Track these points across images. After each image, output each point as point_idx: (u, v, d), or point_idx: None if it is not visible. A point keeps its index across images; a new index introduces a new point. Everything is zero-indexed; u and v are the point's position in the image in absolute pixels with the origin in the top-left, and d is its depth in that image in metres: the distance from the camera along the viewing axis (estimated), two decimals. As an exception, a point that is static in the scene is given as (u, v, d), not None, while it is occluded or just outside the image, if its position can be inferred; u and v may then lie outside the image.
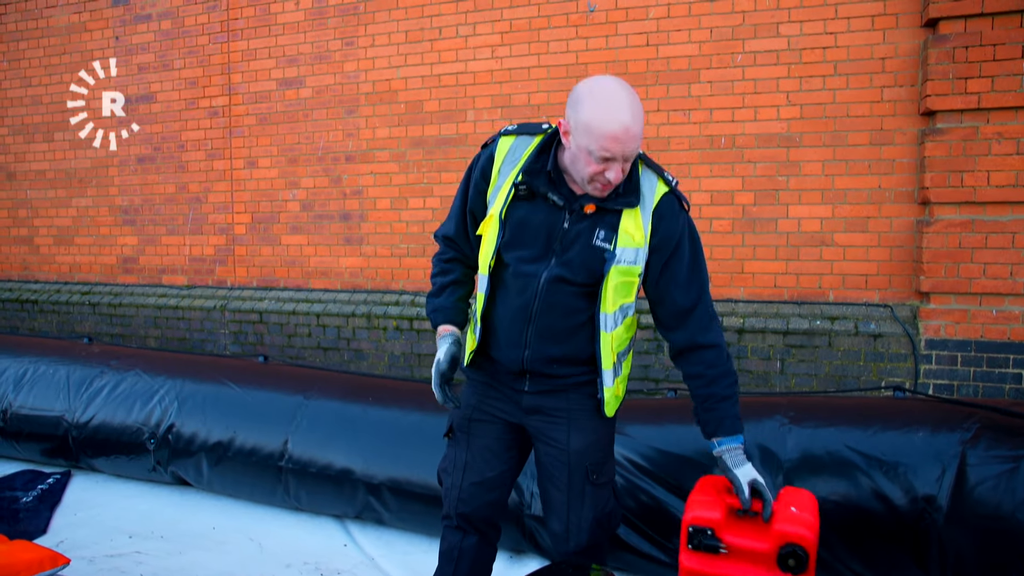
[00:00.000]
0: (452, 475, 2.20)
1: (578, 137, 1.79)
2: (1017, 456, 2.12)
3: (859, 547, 2.40)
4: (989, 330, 4.00)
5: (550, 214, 1.93)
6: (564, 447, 2.07)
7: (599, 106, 1.76)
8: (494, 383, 2.14)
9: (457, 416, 2.21)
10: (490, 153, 2.00)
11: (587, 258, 1.92)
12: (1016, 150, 3.88)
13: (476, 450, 2.17)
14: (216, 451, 3.51)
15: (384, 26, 5.15)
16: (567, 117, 1.84)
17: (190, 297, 5.85)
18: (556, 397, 2.06)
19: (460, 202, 2.10)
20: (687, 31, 4.49)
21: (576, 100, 1.81)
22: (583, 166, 1.81)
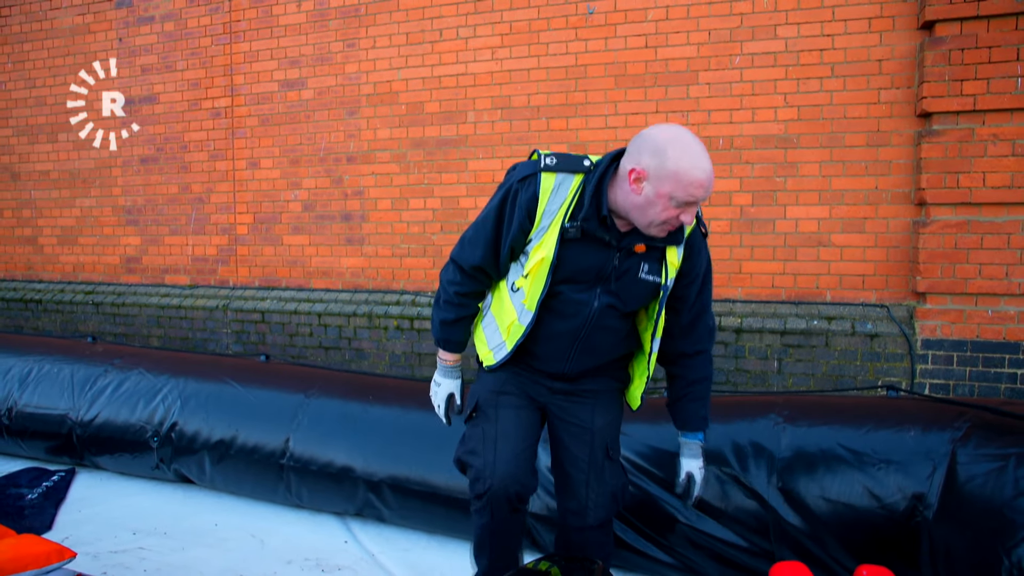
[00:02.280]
0: (482, 454, 2.15)
1: (661, 184, 1.82)
2: (1006, 454, 2.15)
3: (852, 544, 2.43)
4: (985, 330, 4.03)
5: (599, 252, 2.00)
6: (588, 426, 2.19)
7: (687, 154, 1.81)
8: (523, 372, 2.22)
9: (483, 392, 2.22)
10: (533, 193, 1.96)
11: (635, 290, 2.05)
12: (1011, 151, 3.91)
13: (506, 422, 2.17)
14: (218, 449, 3.55)
15: (385, 28, 5.19)
16: (642, 165, 1.84)
17: (193, 297, 5.89)
18: (594, 381, 2.21)
19: (493, 234, 2.05)
20: (685, 33, 4.52)
21: (657, 148, 1.83)
22: (658, 211, 1.86)
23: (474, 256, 2.11)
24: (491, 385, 2.22)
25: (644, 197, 1.86)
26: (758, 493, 2.56)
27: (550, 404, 2.23)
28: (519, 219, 1.98)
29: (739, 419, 2.74)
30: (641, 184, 1.85)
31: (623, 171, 1.90)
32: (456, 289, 2.17)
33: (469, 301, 2.20)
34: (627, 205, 1.91)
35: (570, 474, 2.22)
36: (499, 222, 2.04)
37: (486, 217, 2.07)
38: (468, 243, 2.13)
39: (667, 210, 1.85)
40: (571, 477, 2.21)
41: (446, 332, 2.24)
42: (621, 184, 1.91)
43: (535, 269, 2.01)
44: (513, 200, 1.99)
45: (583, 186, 1.96)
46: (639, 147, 1.87)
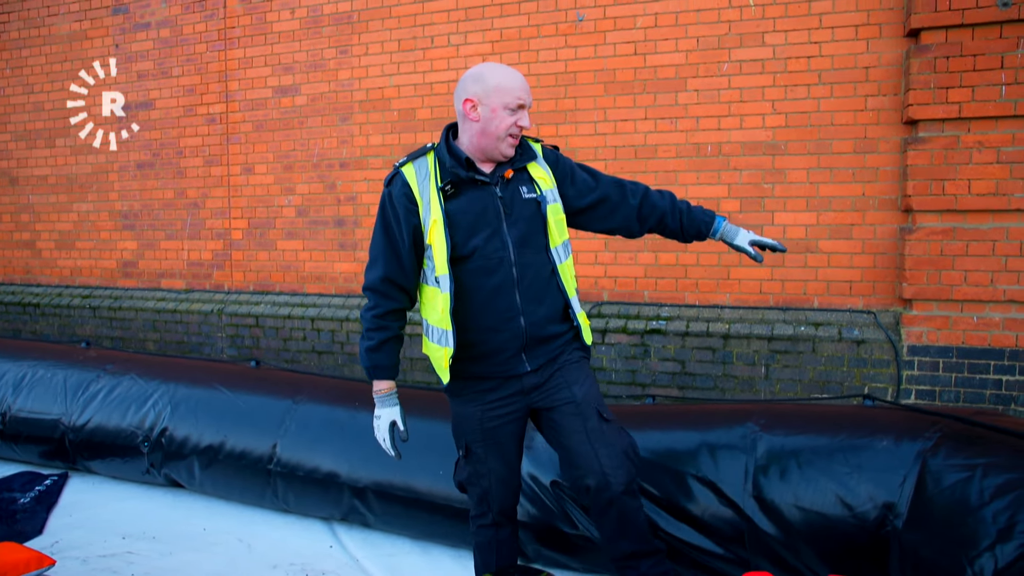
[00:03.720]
0: (479, 484, 2.38)
1: (492, 99, 2.12)
2: (973, 464, 2.17)
3: (824, 552, 2.46)
4: (970, 336, 4.05)
5: (482, 193, 2.21)
6: (572, 399, 2.28)
7: (500, 70, 2.18)
8: (490, 383, 2.28)
9: (469, 432, 2.34)
10: (402, 183, 2.18)
11: (527, 212, 2.25)
12: (996, 159, 3.93)
13: (495, 457, 2.34)
14: (207, 454, 3.60)
15: (377, 35, 5.23)
16: (470, 93, 2.14)
17: (188, 301, 5.94)
18: (552, 364, 2.30)
19: (385, 240, 2.21)
20: (674, 40, 4.55)
21: (476, 77, 2.16)
22: (499, 123, 2.13)
23: (378, 270, 2.23)
24: (472, 427, 2.32)
25: (483, 119, 2.14)
26: (733, 501, 2.58)
27: (530, 404, 2.32)
28: (404, 209, 2.17)
29: (717, 427, 2.77)
30: (477, 109, 2.14)
31: (460, 113, 2.18)
32: (373, 313, 2.26)
33: (388, 322, 2.27)
34: (474, 137, 2.18)
35: (576, 449, 2.27)
36: (386, 227, 2.21)
37: (375, 233, 2.26)
38: (370, 266, 2.27)
39: (504, 120, 2.13)
40: (577, 452, 2.27)
41: (372, 359, 2.29)
42: (463, 127, 2.20)
43: (433, 234, 2.16)
44: (390, 201, 2.20)
45: (436, 156, 2.23)
46: (462, 87, 2.18)
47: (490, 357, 2.25)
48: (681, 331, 4.50)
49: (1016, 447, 2.21)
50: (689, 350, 4.50)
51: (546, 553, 2.93)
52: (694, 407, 3.08)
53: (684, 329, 4.50)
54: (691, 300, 4.64)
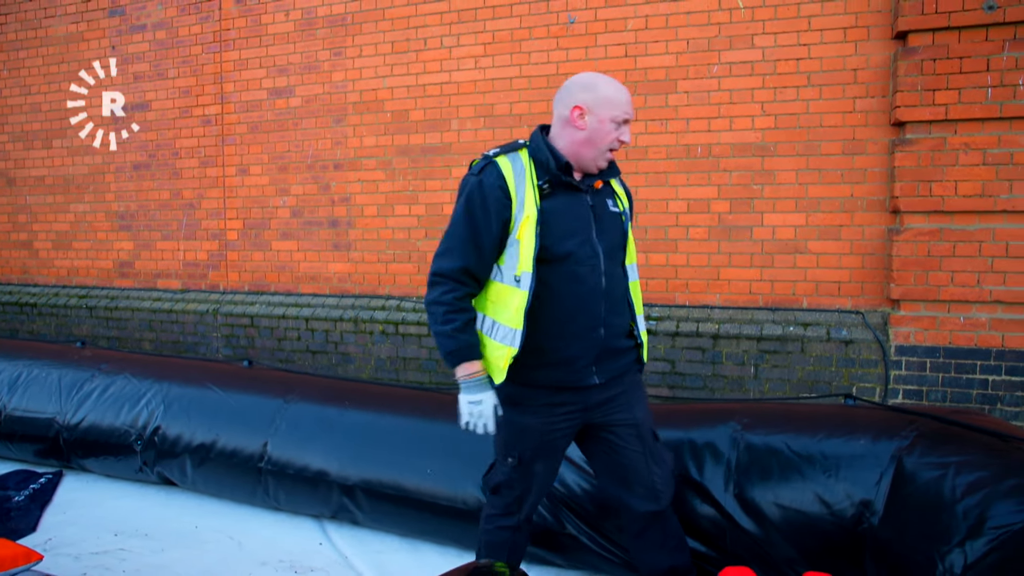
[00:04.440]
0: (515, 490, 2.32)
1: (601, 111, 2.12)
2: (947, 463, 2.21)
3: (803, 550, 2.49)
4: (957, 337, 4.09)
5: (575, 199, 2.19)
6: (633, 421, 2.30)
7: (610, 83, 2.17)
8: (558, 396, 2.21)
9: (525, 445, 2.24)
10: (497, 174, 2.11)
11: (614, 224, 2.27)
12: (982, 160, 3.96)
13: (542, 472, 2.31)
14: (199, 452, 3.63)
15: (371, 37, 5.26)
16: (580, 101, 2.13)
17: (184, 301, 5.98)
18: (617, 382, 2.28)
19: (470, 231, 2.11)
20: (664, 42, 4.58)
21: (586, 86, 2.15)
22: (604, 136, 2.13)
23: (455, 260, 2.13)
24: (531, 438, 2.24)
25: (590, 129, 2.13)
26: (715, 499, 2.61)
27: (591, 421, 2.28)
28: (496, 200, 2.09)
29: (700, 426, 2.80)
30: (584, 118, 2.12)
31: (563, 118, 2.16)
32: (453, 295, 2.14)
33: (466, 304, 2.17)
34: (575, 145, 2.15)
35: (633, 468, 2.31)
36: (471, 216, 2.12)
37: (457, 221, 2.15)
38: (443, 253, 2.16)
39: (610, 133, 2.13)
40: (634, 471, 2.31)
41: (461, 340, 2.14)
42: (563, 133, 2.17)
43: (524, 230, 2.11)
44: (480, 190, 2.11)
45: (532, 153, 2.17)
46: (569, 92, 2.17)
47: (563, 365, 2.19)
48: (671, 331, 4.54)
49: (989, 445, 2.24)
50: (679, 350, 4.54)
51: (531, 550, 2.96)
52: (679, 406, 3.11)
53: (674, 329, 4.53)
54: (681, 300, 4.67)
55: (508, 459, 2.27)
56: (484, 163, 2.16)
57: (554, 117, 2.22)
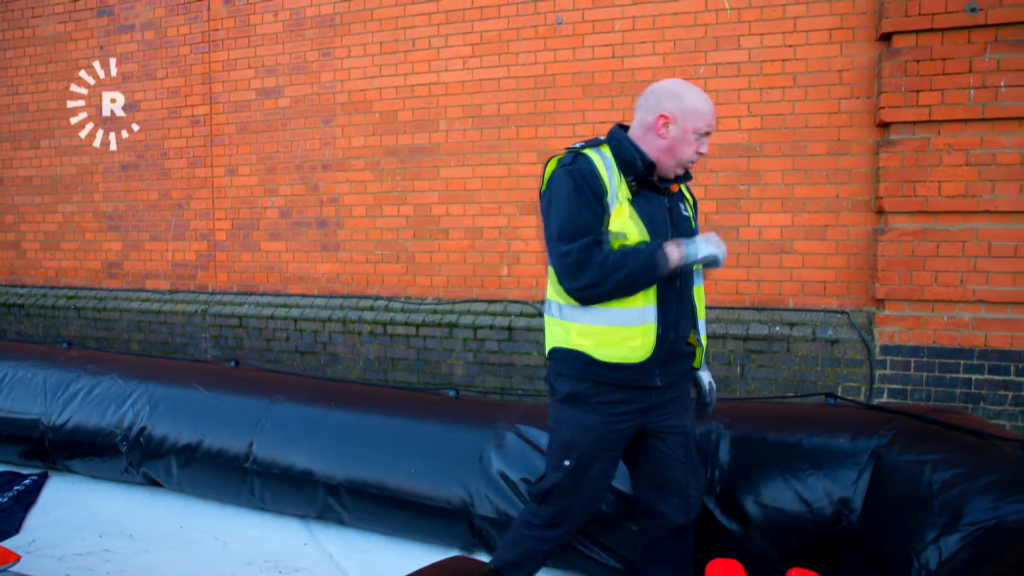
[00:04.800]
0: (565, 499, 2.26)
1: (686, 121, 2.13)
2: (924, 460, 2.22)
3: (784, 547, 2.50)
4: (941, 336, 4.11)
5: (655, 201, 2.21)
6: (683, 430, 2.31)
7: (697, 93, 2.17)
8: (622, 394, 2.19)
9: (585, 444, 2.21)
10: (590, 164, 2.11)
11: (686, 228, 2.28)
12: (965, 161, 3.99)
13: (597, 477, 2.27)
14: (185, 453, 3.63)
15: (359, 37, 5.27)
16: (666, 110, 2.13)
17: (172, 302, 5.97)
18: (674, 387, 2.28)
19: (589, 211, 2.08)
20: (651, 43, 4.60)
21: (673, 95, 2.15)
22: (685, 147, 2.15)
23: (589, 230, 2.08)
24: (591, 436, 2.20)
25: (671, 138, 2.14)
26: (697, 497, 2.62)
27: (646, 425, 2.26)
28: (598, 185, 2.10)
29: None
30: (668, 127, 2.13)
31: (646, 124, 2.16)
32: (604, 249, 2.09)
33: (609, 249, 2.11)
34: (656, 152, 2.16)
35: (673, 478, 2.31)
36: (582, 197, 2.09)
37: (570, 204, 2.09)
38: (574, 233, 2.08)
39: (691, 144, 2.15)
40: (674, 480, 2.31)
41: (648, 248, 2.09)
42: (645, 138, 2.17)
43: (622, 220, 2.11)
44: (582, 175, 2.10)
45: (615, 150, 2.18)
46: (657, 99, 2.16)
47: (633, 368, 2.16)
48: (658, 331, 4.54)
49: (966, 443, 2.26)
50: (666, 350, 4.55)
51: (516, 550, 2.97)
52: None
53: (661, 329, 4.54)
54: (668, 300, 4.68)
55: (564, 462, 2.22)
56: (573, 155, 2.15)
57: (636, 120, 2.22)
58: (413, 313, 5.12)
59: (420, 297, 5.22)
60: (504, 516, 2.91)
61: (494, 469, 2.97)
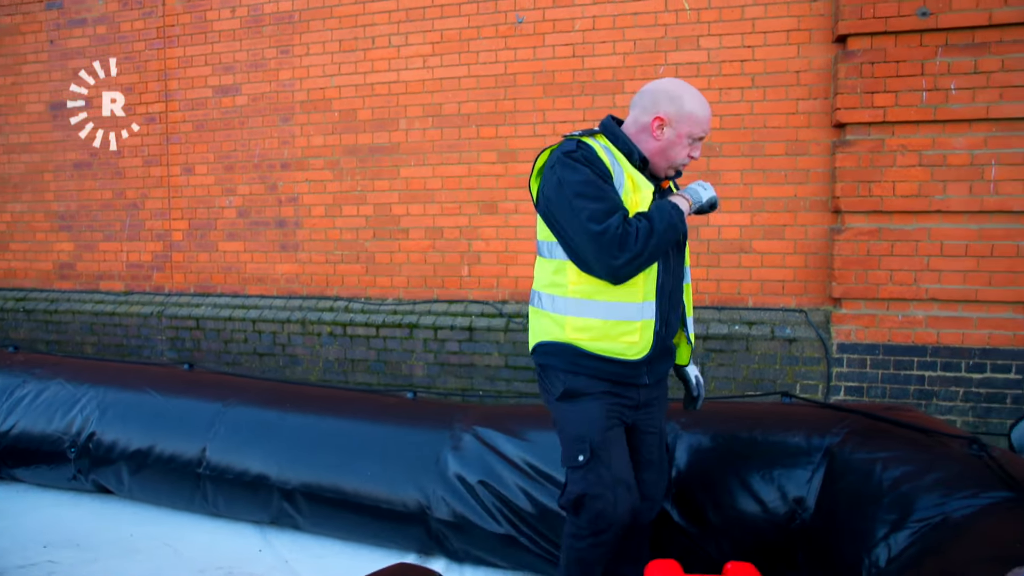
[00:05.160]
0: (599, 499, 2.13)
1: (681, 126, 2.11)
2: (875, 459, 2.24)
3: (740, 547, 2.51)
4: (896, 334, 4.17)
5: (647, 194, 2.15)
6: (659, 430, 2.33)
7: (696, 99, 2.14)
8: (615, 388, 2.17)
9: (593, 434, 2.14)
10: (592, 150, 2.08)
11: None
12: (918, 162, 4.05)
13: (619, 461, 2.18)
14: (136, 459, 3.53)
15: (319, 35, 5.19)
16: (663, 112, 2.11)
17: (127, 303, 5.83)
18: (657, 386, 2.28)
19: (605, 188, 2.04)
20: (612, 43, 4.60)
21: (672, 97, 2.12)
22: (679, 151, 2.14)
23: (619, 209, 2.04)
24: (598, 422, 2.15)
25: (666, 140, 2.12)
26: (654, 498, 2.62)
27: (634, 422, 2.26)
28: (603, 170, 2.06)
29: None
30: (663, 129, 2.11)
31: (641, 123, 2.14)
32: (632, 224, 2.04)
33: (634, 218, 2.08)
34: (648, 151, 2.14)
35: (645, 477, 2.31)
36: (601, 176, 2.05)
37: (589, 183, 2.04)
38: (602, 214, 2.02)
39: (684, 148, 2.13)
40: (646, 480, 2.31)
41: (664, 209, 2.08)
42: (639, 137, 2.15)
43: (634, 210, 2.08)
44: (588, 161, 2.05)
45: (612, 141, 2.15)
46: (653, 100, 2.14)
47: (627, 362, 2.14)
48: (619, 331, 4.54)
49: (915, 441, 2.28)
50: (627, 349, 4.55)
51: (474, 552, 2.94)
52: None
53: (622, 329, 4.54)
54: (629, 300, 4.68)
55: (579, 456, 2.13)
56: (575, 142, 2.10)
57: (631, 116, 2.20)
58: (373, 314, 5.06)
59: (380, 298, 5.17)
60: (461, 519, 2.88)
61: (451, 472, 2.93)
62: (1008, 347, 4.00)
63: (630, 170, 2.10)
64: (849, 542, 2.12)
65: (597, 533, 2.15)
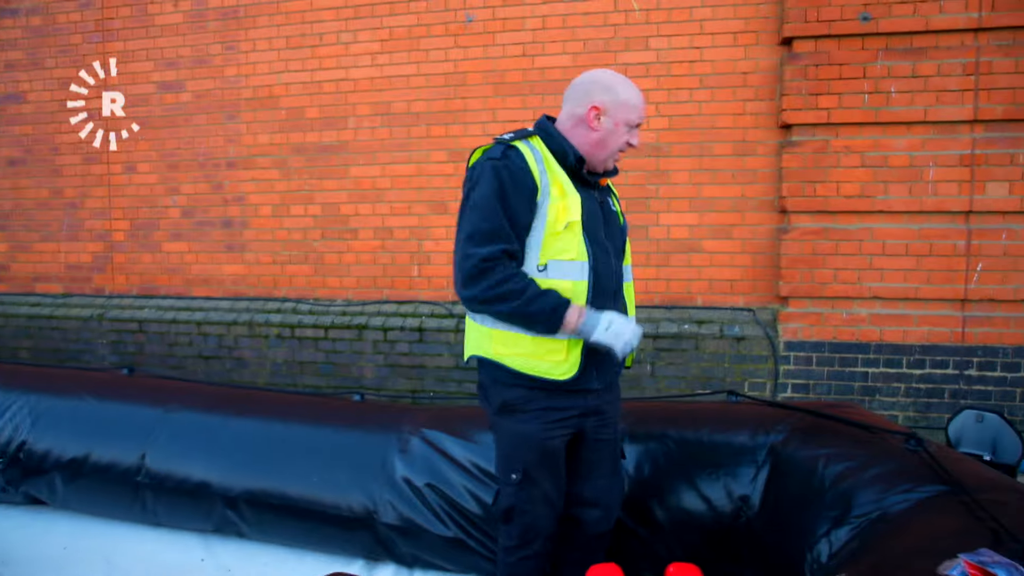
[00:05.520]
0: (529, 513, 2.15)
1: (618, 113, 2.08)
2: (817, 456, 2.27)
3: (688, 546, 2.51)
4: (841, 332, 4.25)
5: (586, 194, 2.12)
6: (613, 437, 2.27)
7: (629, 85, 2.12)
8: (559, 400, 2.10)
9: (526, 455, 2.11)
10: (520, 157, 2.01)
11: (617, 223, 2.23)
12: (861, 163, 4.13)
13: (550, 481, 2.16)
14: (71, 468, 3.40)
15: (265, 31, 5.08)
16: (598, 101, 2.08)
17: (66, 306, 5.63)
18: (608, 391, 2.22)
19: (504, 213, 1.97)
20: (562, 43, 4.60)
21: (606, 87, 2.10)
22: (617, 139, 2.10)
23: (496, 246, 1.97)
24: (534, 443, 2.10)
25: (604, 130, 2.09)
26: (602, 498, 2.61)
27: (583, 428, 2.18)
28: (525, 183, 1.98)
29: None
30: (601, 119, 2.08)
31: (576, 116, 2.10)
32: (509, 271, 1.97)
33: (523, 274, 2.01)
34: (587, 144, 2.10)
35: (598, 486, 2.26)
36: (504, 197, 1.97)
37: (487, 205, 1.97)
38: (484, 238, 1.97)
39: (622, 136, 2.10)
40: (600, 488, 2.26)
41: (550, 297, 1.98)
42: (575, 131, 2.11)
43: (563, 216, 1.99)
44: (509, 172, 1.98)
45: (546, 142, 2.10)
46: (587, 91, 2.11)
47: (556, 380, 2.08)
48: (571, 331, 4.54)
49: (857, 437, 2.31)
50: (579, 349, 4.55)
51: (422, 557, 2.90)
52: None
53: (574, 329, 4.54)
54: (581, 300, 4.68)
55: (512, 475, 2.13)
56: (503, 147, 2.03)
57: (564, 112, 2.15)
58: (322, 315, 4.97)
59: (329, 299, 5.08)
60: (409, 523, 2.83)
61: (398, 475, 2.89)
62: (946, 343, 4.11)
63: (559, 176, 2.03)
64: (792, 538, 2.13)
65: (527, 543, 2.20)
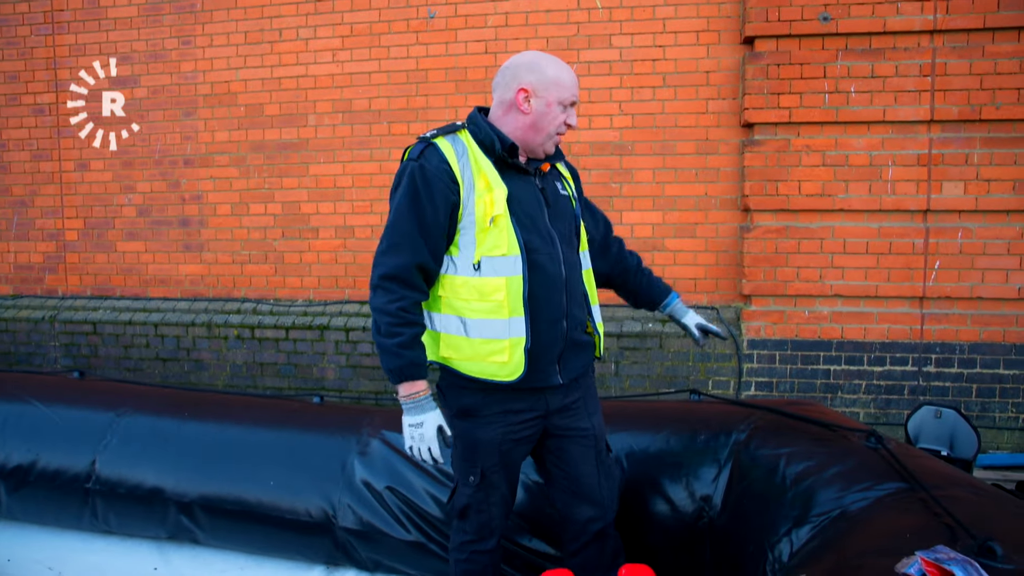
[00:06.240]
0: (483, 513, 2.15)
1: (549, 93, 1.99)
2: (778, 455, 2.26)
3: (651, 548, 2.50)
4: (803, 330, 4.28)
5: (524, 182, 2.04)
6: (590, 431, 2.18)
7: (557, 64, 2.04)
8: (518, 402, 2.05)
9: (485, 459, 2.07)
10: (439, 157, 1.95)
11: (566, 208, 2.14)
12: (822, 162, 4.17)
13: (506, 483, 2.15)
14: (16, 476, 3.27)
15: (223, 26, 4.97)
16: (525, 83, 1.99)
17: (16, 308, 5.45)
18: (577, 385, 2.15)
19: (417, 222, 1.92)
20: (524, 40, 4.56)
21: (531, 67, 2.01)
22: (552, 119, 2.01)
23: (404, 256, 1.93)
24: (492, 447, 2.06)
25: (536, 112, 2.00)
26: (564, 499, 2.58)
27: (549, 428, 2.13)
28: (442, 184, 1.93)
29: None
30: (530, 101, 1.99)
31: (506, 101, 2.02)
32: (398, 305, 1.94)
33: (415, 316, 1.98)
34: (520, 129, 2.02)
35: (584, 481, 2.18)
36: (417, 205, 1.92)
37: (400, 213, 1.94)
38: (388, 250, 1.95)
39: (557, 116, 2.01)
40: (585, 485, 2.18)
41: (407, 356, 1.95)
42: (507, 118, 2.03)
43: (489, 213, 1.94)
44: (422, 175, 1.93)
45: (473, 135, 2.03)
46: (513, 74, 2.02)
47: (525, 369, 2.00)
48: (535, 330, 4.52)
49: (818, 435, 2.31)
50: (543, 349, 4.52)
51: (384, 562, 2.85)
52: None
53: (538, 328, 4.52)
54: (545, 299, 4.66)
55: (469, 478, 2.10)
56: (423, 146, 1.98)
57: (495, 101, 2.07)
58: (282, 316, 4.88)
59: (290, 299, 4.99)
60: (368, 527, 2.78)
61: (358, 478, 2.83)
62: (905, 340, 4.16)
63: (484, 168, 1.97)
64: (754, 538, 2.12)
65: (478, 541, 2.18)
